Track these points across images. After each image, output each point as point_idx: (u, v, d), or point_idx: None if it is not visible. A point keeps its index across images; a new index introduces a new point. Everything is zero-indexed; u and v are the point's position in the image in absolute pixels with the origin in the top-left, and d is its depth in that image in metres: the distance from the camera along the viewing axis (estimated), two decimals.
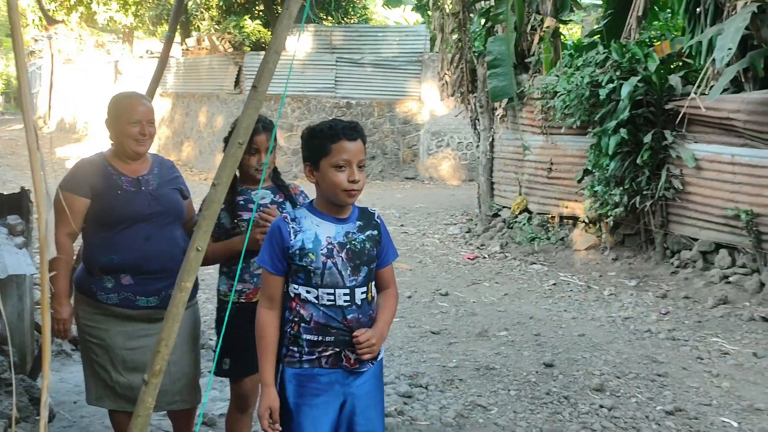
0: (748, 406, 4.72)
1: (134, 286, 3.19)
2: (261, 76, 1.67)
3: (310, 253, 2.52)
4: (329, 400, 2.58)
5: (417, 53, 18.51)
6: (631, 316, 6.83)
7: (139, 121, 3.18)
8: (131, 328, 3.22)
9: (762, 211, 7.13)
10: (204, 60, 20.69)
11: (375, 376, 2.70)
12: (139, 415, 1.63)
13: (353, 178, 2.52)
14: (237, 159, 1.69)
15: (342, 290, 2.54)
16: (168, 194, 3.31)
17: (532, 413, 4.62)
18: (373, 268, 2.64)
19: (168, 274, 3.18)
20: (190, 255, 1.64)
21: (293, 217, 2.61)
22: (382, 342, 2.61)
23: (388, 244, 2.73)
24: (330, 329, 2.54)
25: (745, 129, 7.23)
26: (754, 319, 6.52)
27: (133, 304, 3.20)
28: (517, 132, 10.69)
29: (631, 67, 8.37)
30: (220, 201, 1.67)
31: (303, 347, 2.56)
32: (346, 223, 2.61)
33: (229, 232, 3.29)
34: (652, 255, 8.52)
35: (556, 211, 10.01)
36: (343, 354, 2.56)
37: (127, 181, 3.23)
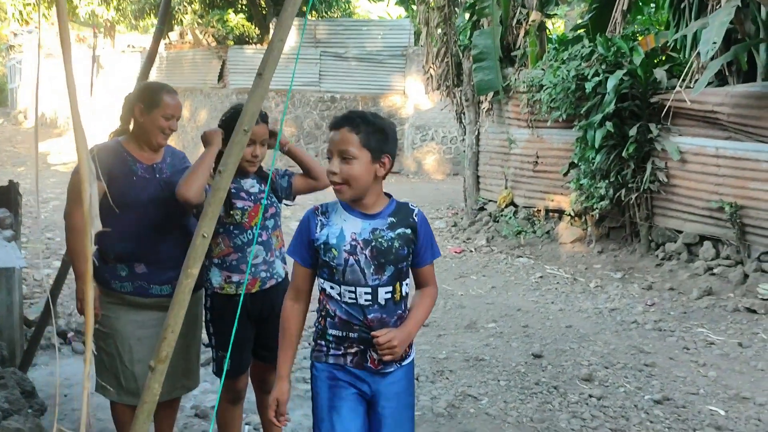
0: (734, 395, 4.78)
1: (148, 275, 3.23)
2: (266, 65, 1.67)
3: (333, 249, 2.44)
4: (357, 397, 2.52)
5: (401, 47, 18.52)
6: (617, 308, 6.89)
7: (172, 116, 3.25)
8: (142, 318, 3.26)
9: (746, 203, 7.21)
10: (187, 54, 20.60)
11: (405, 377, 2.60)
12: (145, 401, 1.63)
13: (330, 168, 2.45)
14: (242, 146, 1.69)
15: (363, 289, 2.44)
16: None
17: (522, 403, 4.65)
18: (402, 268, 2.50)
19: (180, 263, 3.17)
20: (196, 241, 1.64)
21: (324, 209, 2.54)
22: (406, 343, 2.48)
23: (427, 242, 2.56)
24: (353, 326, 2.46)
25: (729, 122, 7.30)
26: (738, 309, 6.60)
27: (147, 292, 3.24)
28: (503, 125, 10.73)
29: (617, 61, 8.42)
30: (226, 188, 1.67)
31: (330, 342, 2.50)
32: (375, 219, 2.49)
33: (221, 220, 3.26)
34: (638, 247, 8.60)
35: (542, 205, 10.06)
36: (368, 354, 2.48)
37: (142, 167, 3.27)
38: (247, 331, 3.33)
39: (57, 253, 8.43)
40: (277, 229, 3.43)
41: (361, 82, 18.57)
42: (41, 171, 16.26)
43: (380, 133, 2.45)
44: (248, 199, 3.29)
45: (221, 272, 3.30)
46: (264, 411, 3.60)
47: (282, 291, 3.40)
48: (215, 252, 3.31)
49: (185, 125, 19.95)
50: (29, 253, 8.29)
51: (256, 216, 3.28)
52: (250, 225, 3.28)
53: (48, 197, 12.68)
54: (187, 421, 4.24)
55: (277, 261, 3.40)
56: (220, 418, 3.48)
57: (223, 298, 3.27)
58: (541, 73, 9.52)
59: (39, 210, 11.09)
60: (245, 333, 3.33)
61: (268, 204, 3.35)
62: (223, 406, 3.45)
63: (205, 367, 4.98)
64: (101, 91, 22.74)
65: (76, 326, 5.66)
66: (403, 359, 2.56)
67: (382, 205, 2.51)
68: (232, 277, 3.27)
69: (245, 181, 3.34)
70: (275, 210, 3.39)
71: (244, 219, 3.27)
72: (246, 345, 3.37)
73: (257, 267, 3.29)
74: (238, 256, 3.27)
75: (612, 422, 4.37)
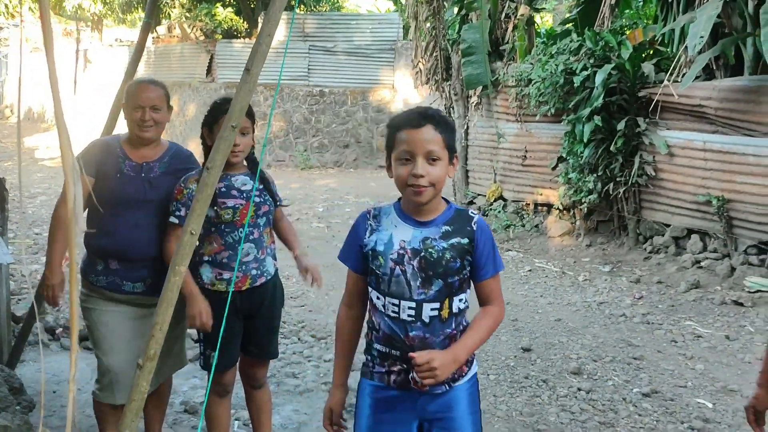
0: (721, 388, 4.82)
1: (120, 271, 3.23)
2: (254, 59, 1.67)
3: (379, 257, 2.26)
4: (404, 418, 2.32)
5: (390, 41, 18.49)
6: (606, 301, 6.92)
7: (141, 106, 3.20)
8: (119, 309, 3.26)
9: (733, 196, 7.25)
10: (175, 48, 20.50)
11: (461, 400, 2.33)
12: (133, 399, 1.62)
13: (415, 171, 2.17)
14: (230, 142, 1.68)
15: (407, 302, 2.23)
16: (169, 183, 3.27)
17: (511, 397, 4.67)
18: (454, 283, 2.26)
19: (153, 262, 3.23)
20: (183, 239, 1.64)
21: (376, 213, 2.37)
22: (450, 368, 2.19)
23: (488, 253, 2.30)
24: (395, 342, 2.27)
25: (716, 116, 7.33)
26: (725, 302, 6.64)
27: (120, 288, 3.24)
28: (492, 120, 10.74)
29: (605, 55, 8.44)
30: (213, 184, 1.67)
31: (375, 357, 2.34)
32: (427, 227, 2.27)
33: (212, 221, 3.24)
34: (626, 241, 8.63)
35: (531, 199, 10.09)
36: (410, 376, 2.24)
37: (130, 165, 3.25)
38: (235, 326, 3.32)
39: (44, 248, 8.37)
40: (269, 227, 3.42)
41: (350, 76, 18.53)
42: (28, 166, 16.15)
43: (453, 132, 2.29)
44: (239, 197, 3.26)
45: (212, 269, 3.27)
46: (253, 406, 3.59)
47: (271, 287, 3.40)
48: (206, 249, 3.28)
49: (174, 119, 19.81)
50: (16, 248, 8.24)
51: (247, 214, 3.26)
52: (242, 223, 3.26)
53: (35, 192, 12.59)
54: (176, 417, 4.23)
55: (268, 258, 3.39)
56: (208, 412, 3.47)
57: (213, 295, 3.25)
58: (530, 67, 9.53)
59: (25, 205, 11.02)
60: (234, 329, 3.32)
61: (261, 202, 3.32)
62: (211, 399, 3.43)
63: (193, 362, 4.97)
64: (89, 86, 22.60)
65: (65, 322, 5.64)
66: (455, 379, 2.32)
67: (438, 212, 2.30)
68: (224, 274, 3.25)
69: (236, 178, 3.30)
70: (268, 208, 3.37)
71: (236, 217, 3.24)
72: (234, 340, 3.36)
73: (248, 264, 3.27)
74: (229, 254, 3.26)
75: (601, 415, 4.39)
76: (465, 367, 2.34)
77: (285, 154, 18.43)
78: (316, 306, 6.75)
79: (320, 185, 15.18)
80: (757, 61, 7.22)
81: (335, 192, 14.29)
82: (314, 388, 4.71)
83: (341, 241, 2.52)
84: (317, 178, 16.31)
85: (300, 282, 7.57)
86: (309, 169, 17.85)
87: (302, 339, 5.75)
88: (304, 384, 4.77)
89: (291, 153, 18.43)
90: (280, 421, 4.17)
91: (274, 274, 3.42)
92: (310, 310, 6.62)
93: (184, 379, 4.82)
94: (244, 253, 3.26)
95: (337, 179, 16.28)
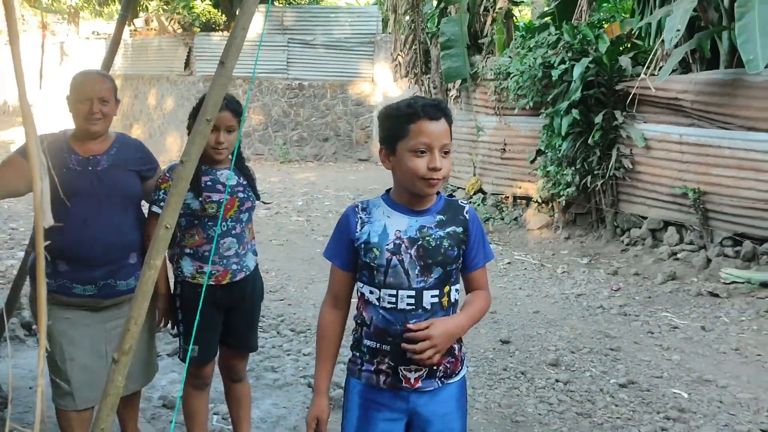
0: (697, 378, 4.87)
1: (70, 273, 3.03)
2: (228, 52, 1.66)
3: (374, 248, 2.21)
4: (393, 417, 2.27)
5: (369, 34, 18.46)
6: (583, 293, 6.97)
7: (89, 98, 3.05)
8: (72, 316, 3.07)
9: (709, 189, 7.32)
10: (153, 41, 20.33)
11: (452, 398, 2.31)
12: (108, 394, 1.61)
13: (434, 164, 2.14)
14: (205, 136, 1.67)
15: (406, 292, 2.19)
16: (118, 176, 3.13)
17: (490, 389, 4.69)
18: (451, 270, 2.25)
19: (105, 262, 3.06)
20: (159, 233, 1.63)
21: (364, 206, 2.30)
22: (449, 340, 2.19)
23: (479, 244, 2.31)
24: (387, 336, 2.21)
25: (692, 109, 7.40)
26: (701, 294, 6.71)
27: (70, 291, 3.04)
28: (471, 113, 10.76)
29: (583, 49, 8.48)
30: (188, 178, 1.66)
31: (364, 353, 2.27)
32: (422, 215, 2.25)
33: (197, 213, 3.22)
34: (603, 233, 8.70)
35: (510, 192, 10.13)
36: (400, 374, 2.22)
37: (77, 159, 3.09)
38: (214, 319, 3.32)
39: (21, 243, 8.30)
40: (251, 223, 3.42)
41: (330, 69, 18.49)
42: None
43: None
44: (224, 192, 3.25)
45: (193, 262, 3.27)
46: (232, 400, 3.59)
47: (251, 282, 3.39)
48: (188, 242, 3.27)
49: (151, 113, 19.71)
50: None
51: (232, 209, 3.25)
52: (225, 217, 3.25)
53: None
54: (155, 412, 4.21)
55: (249, 254, 3.39)
56: (186, 405, 3.45)
57: (193, 287, 3.25)
58: (508, 60, 9.56)
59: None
60: (213, 322, 3.32)
61: (245, 197, 3.31)
62: (188, 392, 3.42)
63: (172, 357, 4.96)
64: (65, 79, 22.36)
65: None
66: (448, 376, 2.29)
67: (430, 201, 2.27)
68: (204, 267, 3.24)
69: (221, 173, 3.28)
70: (251, 204, 3.36)
71: (220, 212, 3.24)
72: (213, 334, 3.36)
73: (229, 259, 3.27)
74: (211, 247, 3.25)
75: (578, 406, 4.42)
76: (459, 363, 2.32)
77: (264, 147, 18.37)
78: (296, 300, 6.74)
79: (300, 179, 15.15)
80: (732, 55, 7.29)
81: (315, 186, 14.26)
82: (293, 381, 4.70)
83: (321, 235, 2.50)
84: (297, 172, 16.27)
85: (279, 276, 7.57)
86: (288, 162, 17.80)
87: (281, 333, 5.74)
88: (283, 378, 4.76)
89: (270, 146, 18.37)
90: (259, 415, 4.16)
91: (254, 269, 3.42)
92: (290, 303, 6.61)
93: (162, 373, 4.80)
94: (226, 247, 3.26)
95: (317, 173, 16.26)
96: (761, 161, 6.81)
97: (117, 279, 3.09)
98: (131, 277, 3.15)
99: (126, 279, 3.13)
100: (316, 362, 2.36)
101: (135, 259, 3.18)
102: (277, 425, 4.09)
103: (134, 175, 3.23)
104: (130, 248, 3.14)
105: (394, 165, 2.22)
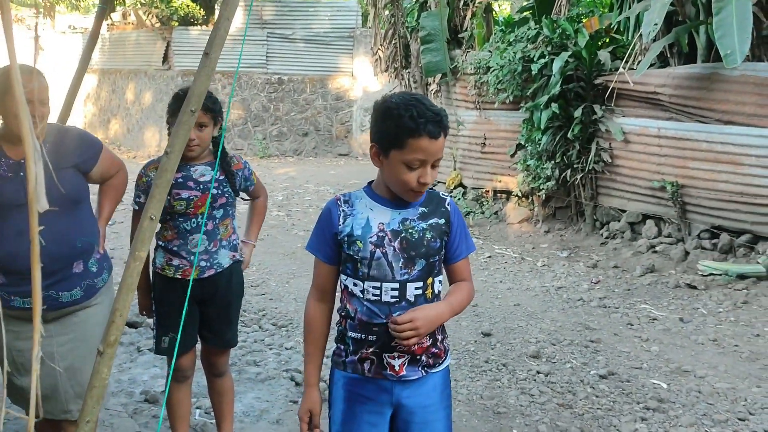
0: (676, 368, 4.93)
1: (7, 286, 2.79)
2: (213, 44, 1.66)
3: (357, 241, 2.21)
4: (378, 409, 2.28)
5: (349, 29, 18.42)
6: (563, 286, 7.02)
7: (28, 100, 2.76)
8: (18, 328, 2.83)
9: (686, 182, 7.40)
10: (130, 35, 20.15)
11: (435, 388, 2.32)
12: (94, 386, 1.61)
13: (425, 179, 2.16)
14: (189, 127, 1.68)
15: (390, 284, 2.20)
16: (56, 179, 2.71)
17: (472, 381, 4.72)
18: (435, 262, 2.27)
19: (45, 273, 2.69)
20: (143, 224, 1.63)
21: (347, 198, 2.30)
22: (430, 325, 2.19)
23: (461, 236, 2.32)
24: (372, 327, 2.22)
25: (670, 103, 7.47)
26: (679, 286, 6.78)
27: (8, 304, 2.79)
28: (451, 107, 10.78)
29: (562, 43, 8.53)
30: (173, 169, 1.66)
31: (349, 345, 2.28)
32: (405, 208, 2.25)
33: (166, 209, 3.20)
34: (583, 227, 8.76)
35: (490, 186, 10.17)
36: (385, 362, 2.23)
37: (8, 164, 2.80)
38: (190, 311, 3.30)
39: None
40: (228, 218, 3.40)
41: (309, 63, 18.43)
42: None
43: None
44: (195, 189, 3.25)
45: (165, 254, 3.33)
46: (214, 395, 3.58)
47: (225, 279, 3.37)
48: (162, 235, 3.32)
49: (129, 108, 19.55)
50: None
51: (203, 206, 3.25)
52: (195, 213, 3.26)
53: None
54: (137, 407, 4.19)
55: (222, 251, 3.36)
56: (171, 398, 3.46)
57: (164, 279, 3.32)
58: (488, 55, 9.59)
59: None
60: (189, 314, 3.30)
61: (218, 194, 3.30)
62: (172, 386, 3.41)
63: None
64: None
65: None
66: (431, 365, 2.30)
67: None
68: (173, 260, 3.29)
69: (195, 169, 3.29)
70: (226, 200, 3.35)
71: (189, 208, 3.25)
72: (189, 326, 3.34)
73: (197, 255, 3.27)
74: (181, 242, 3.28)
75: (559, 397, 4.46)
76: (442, 353, 2.33)
77: (244, 142, 18.29)
78: (277, 294, 6.73)
79: (280, 174, 15.10)
80: (709, 49, 7.37)
81: (295, 180, 14.23)
82: (276, 375, 4.70)
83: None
84: (276, 167, 16.22)
85: (260, 270, 7.56)
86: (268, 157, 17.74)
87: (263, 327, 5.74)
88: (266, 372, 4.76)
89: (249, 141, 18.29)
90: (242, 409, 4.16)
91: (230, 266, 3.39)
92: (271, 298, 6.60)
93: (144, 368, 4.79)
94: (194, 244, 3.28)
95: (297, 167, 16.21)
96: (738, 155, 6.89)
97: (59, 290, 2.85)
98: (76, 288, 2.90)
99: (70, 290, 2.88)
100: (304, 356, 2.36)
101: (81, 268, 2.91)
102: (260, 419, 4.10)
103: (74, 172, 2.93)
104: (77, 256, 2.89)
105: (384, 166, 2.22)
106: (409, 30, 11.43)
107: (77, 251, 2.87)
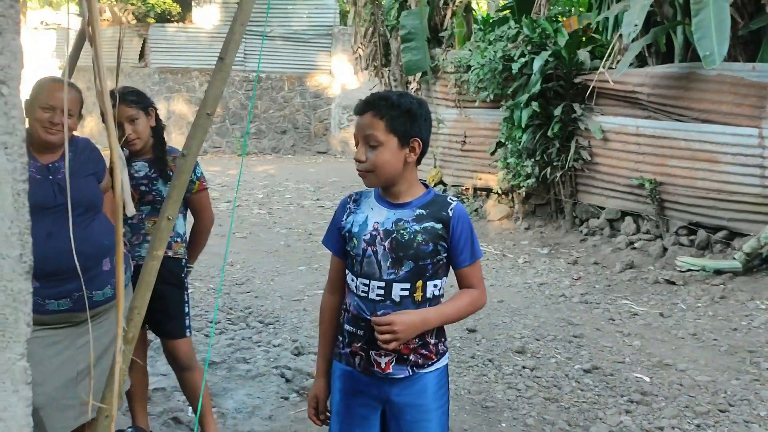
0: (657, 362, 5.03)
1: (41, 290, 2.75)
2: (227, 48, 1.70)
3: (354, 238, 2.29)
4: (369, 403, 2.33)
5: (327, 26, 18.44)
6: (545, 282, 7.12)
7: (52, 107, 2.82)
8: (42, 334, 2.80)
9: (664, 179, 7.53)
10: (106, 32, 19.98)
11: (427, 388, 2.32)
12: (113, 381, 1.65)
13: (355, 156, 2.27)
14: (205, 129, 1.72)
15: (377, 282, 2.25)
16: (80, 183, 2.90)
17: (459, 376, 4.79)
18: (426, 265, 2.26)
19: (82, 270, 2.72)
20: (161, 224, 1.67)
21: (356, 197, 2.40)
22: (417, 328, 2.21)
23: (464, 241, 2.29)
24: (361, 322, 2.28)
25: (648, 101, 7.59)
26: (658, 281, 6.91)
27: (43, 308, 2.78)
28: (431, 105, 10.82)
29: (542, 42, 8.62)
30: (189, 171, 1.70)
31: (345, 338, 2.35)
32: (402, 209, 2.28)
33: None
34: (563, 224, 8.88)
35: (471, 183, 10.26)
36: (372, 358, 2.27)
37: (36, 166, 2.85)
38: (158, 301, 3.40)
39: None
40: (155, 217, 3.46)
41: (287, 61, 18.42)
42: None
43: (406, 116, 2.23)
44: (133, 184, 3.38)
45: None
46: (184, 390, 3.64)
47: None
48: None
49: None
50: None
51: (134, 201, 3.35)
52: None
53: None
54: None
55: (145, 245, 3.45)
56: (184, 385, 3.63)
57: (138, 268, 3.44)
58: (469, 53, 9.66)
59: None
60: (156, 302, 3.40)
61: (146, 191, 3.42)
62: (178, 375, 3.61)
63: None
64: None
65: None
66: (420, 366, 2.30)
67: (413, 195, 2.30)
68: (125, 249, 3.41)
69: (133, 165, 3.43)
70: (153, 198, 3.44)
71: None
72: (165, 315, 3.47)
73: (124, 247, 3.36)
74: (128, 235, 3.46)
75: (545, 391, 4.55)
76: (433, 355, 2.31)
77: (221, 140, 18.25)
78: (262, 292, 6.76)
79: (259, 171, 15.09)
80: (686, 49, 7.50)
81: (274, 178, 14.23)
82: (266, 372, 4.74)
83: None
84: (255, 165, 16.20)
85: (244, 268, 7.57)
86: (246, 155, 17.70)
87: (250, 325, 5.76)
88: (256, 368, 4.80)
89: (227, 139, 18.25)
90: (234, 406, 4.20)
91: None
92: (256, 296, 6.63)
93: None
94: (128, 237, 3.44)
95: (276, 165, 16.21)
96: (715, 152, 7.03)
97: (92, 289, 2.89)
98: (107, 286, 2.95)
99: (102, 288, 2.93)
100: (318, 346, 2.48)
101: (109, 266, 2.97)
102: (252, 415, 4.13)
103: (93, 179, 3.04)
104: (105, 253, 2.95)
105: None
106: (389, 28, 11.49)
107: (105, 249, 2.95)
